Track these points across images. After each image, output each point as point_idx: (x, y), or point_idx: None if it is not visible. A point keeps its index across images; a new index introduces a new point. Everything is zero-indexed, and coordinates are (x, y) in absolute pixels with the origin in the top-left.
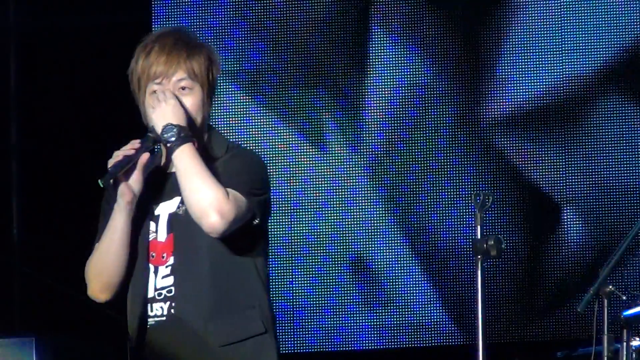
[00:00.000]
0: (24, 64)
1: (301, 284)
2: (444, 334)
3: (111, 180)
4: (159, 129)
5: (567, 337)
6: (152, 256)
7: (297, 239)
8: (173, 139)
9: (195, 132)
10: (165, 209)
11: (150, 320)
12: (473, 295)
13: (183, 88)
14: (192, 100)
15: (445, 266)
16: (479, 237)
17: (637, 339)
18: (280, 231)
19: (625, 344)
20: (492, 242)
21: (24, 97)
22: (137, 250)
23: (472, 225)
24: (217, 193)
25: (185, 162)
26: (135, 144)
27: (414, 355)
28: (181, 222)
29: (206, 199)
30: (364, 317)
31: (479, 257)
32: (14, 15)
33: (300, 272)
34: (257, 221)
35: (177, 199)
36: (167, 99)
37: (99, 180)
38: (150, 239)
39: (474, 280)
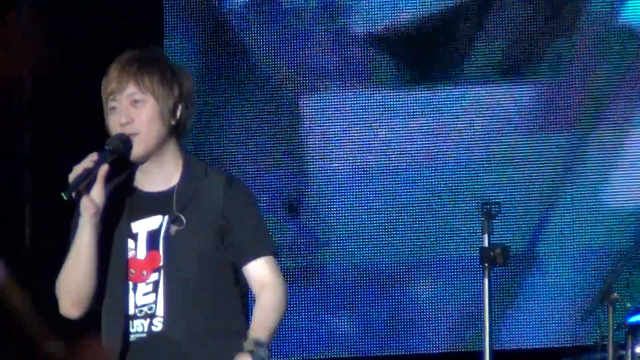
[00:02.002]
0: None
1: (307, 291)
2: (453, 340)
3: (73, 194)
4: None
5: (572, 344)
6: (132, 273)
7: (309, 247)
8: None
9: (150, 145)
10: (143, 226)
11: (131, 337)
12: (480, 302)
13: (135, 101)
14: (144, 113)
15: (452, 272)
16: (486, 245)
17: None
18: (296, 237)
19: (630, 350)
20: (499, 251)
21: (37, 105)
22: (110, 266)
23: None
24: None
25: None
26: (93, 156)
27: None
28: (171, 242)
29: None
30: (369, 323)
31: (486, 264)
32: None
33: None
34: None
35: (158, 218)
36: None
37: (62, 193)
38: (129, 257)
39: (481, 288)
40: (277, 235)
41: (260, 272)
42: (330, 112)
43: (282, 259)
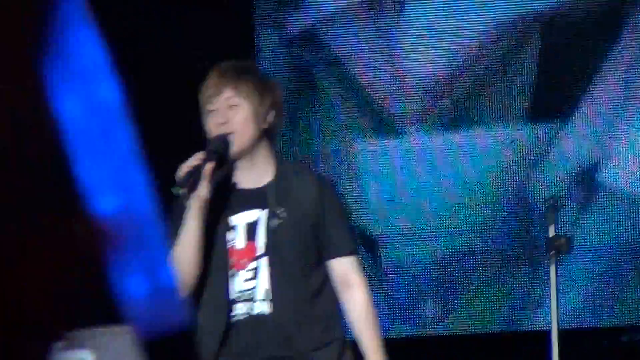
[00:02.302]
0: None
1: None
2: (519, 320)
3: (181, 190)
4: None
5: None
6: (232, 262)
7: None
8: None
9: (244, 144)
10: (241, 219)
11: (233, 319)
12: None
13: (231, 105)
14: (239, 115)
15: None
16: (551, 235)
17: None
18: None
19: None
20: (564, 240)
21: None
22: (211, 256)
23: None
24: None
25: None
26: (199, 155)
27: (487, 340)
28: (272, 234)
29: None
30: (444, 304)
31: (552, 252)
32: None
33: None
34: None
35: (255, 212)
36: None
37: (172, 189)
38: (228, 247)
39: (548, 274)
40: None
41: (344, 269)
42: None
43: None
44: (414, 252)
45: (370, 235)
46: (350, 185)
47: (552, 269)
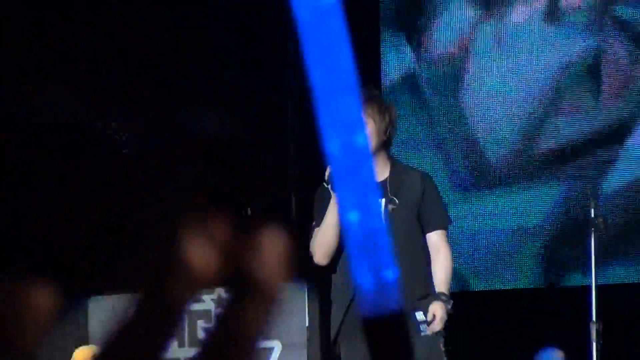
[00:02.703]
0: None
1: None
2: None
3: (330, 185)
4: None
5: None
6: None
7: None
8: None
9: (372, 150)
10: None
11: None
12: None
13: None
14: (368, 130)
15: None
16: (592, 216)
17: None
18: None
19: None
20: (601, 220)
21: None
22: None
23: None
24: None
25: None
26: None
27: (537, 294)
28: (389, 216)
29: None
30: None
31: (592, 229)
32: None
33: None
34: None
35: (383, 200)
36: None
37: (324, 183)
38: None
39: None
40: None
41: (436, 239)
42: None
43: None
44: (477, 227)
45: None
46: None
47: (592, 241)
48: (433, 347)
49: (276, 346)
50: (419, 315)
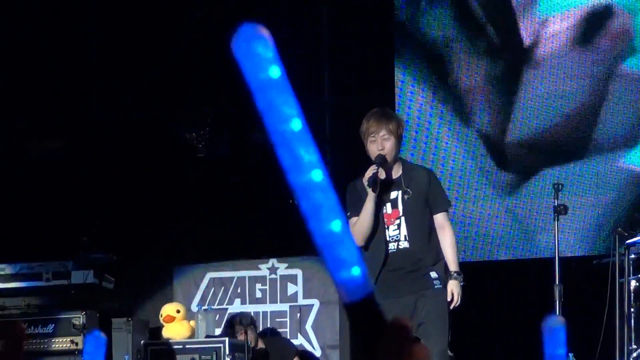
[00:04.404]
0: None
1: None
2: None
3: (369, 186)
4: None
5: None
6: (385, 220)
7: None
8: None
9: (391, 158)
10: (389, 197)
11: (390, 251)
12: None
13: (385, 138)
14: (389, 144)
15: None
16: (556, 205)
17: None
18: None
19: None
20: (563, 207)
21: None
22: (377, 218)
23: None
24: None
25: None
26: (373, 166)
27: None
28: (405, 204)
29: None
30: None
31: (556, 214)
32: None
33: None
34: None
35: (395, 192)
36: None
37: (368, 185)
38: (384, 212)
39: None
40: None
41: (441, 218)
42: None
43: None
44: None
45: None
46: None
47: (556, 224)
48: (443, 298)
49: (315, 303)
50: (433, 274)
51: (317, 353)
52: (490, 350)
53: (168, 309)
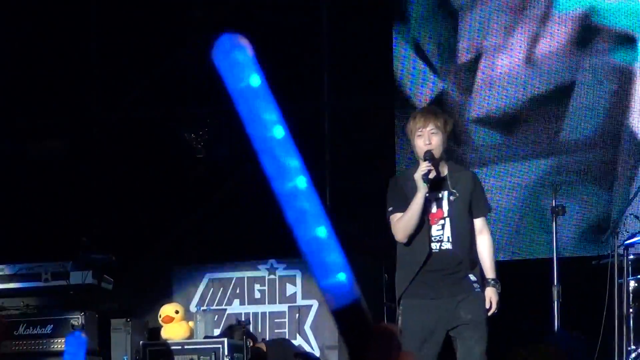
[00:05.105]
0: None
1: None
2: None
3: (423, 182)
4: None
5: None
6: (429, 220)
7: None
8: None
9: (438, 154)
10: (435, 196)
11: (433, 251)
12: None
13: (432, 133)
14: (436, 139)
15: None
16: (553, 205)
17: None
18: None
19: None
20: (561, 207)
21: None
22: (422, 216)
23: None
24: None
25: None
26: (426, 163)
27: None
28: (451, 204)
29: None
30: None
31: (554, 215)
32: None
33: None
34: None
35: (445, 192)
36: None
37: (423, 182)
38: (429, 212)
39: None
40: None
41: (480, 223)
42: None
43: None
44: None
45: None
46: None
47: (554, 225)
48: (483, 301)
49: (314, 304)
50: (472, 277)
51: (316, 354)
52: (490, 351)
53: (167, 310)
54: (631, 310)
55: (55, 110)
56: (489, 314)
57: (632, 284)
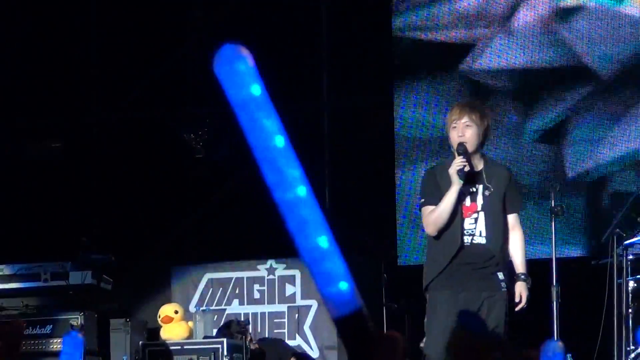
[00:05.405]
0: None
1: None
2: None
3: (459, 177)
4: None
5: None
6: (462, 212)
7: None
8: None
9: (473, 148)
10: (469, 189)
11: (465, 244)
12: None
13: (467, 126)
14: (470, 132)
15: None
16: (552, 205)
17: None
18: None
19: None
20: (559, 207)
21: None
22: (456, 209)
23: None
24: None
25: None
26: (460, 158)
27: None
28: (486, 199)
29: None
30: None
31: (552, 215)
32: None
33: None
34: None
35: (480, 186)
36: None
37: (459, 179)
38: (462, 204)
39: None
40: None
41: (513, 219)
42: None
43: None
44: None
45: None
46: None
47: (552, 225)
48: (506, 301)
49: (313, 304)
50: (501, 275)
51: (315, 354)
52: None
53: (166, 310)
54: (630, 310)
55: (55, 110)
56: (518, 308)
57: (631, 284)
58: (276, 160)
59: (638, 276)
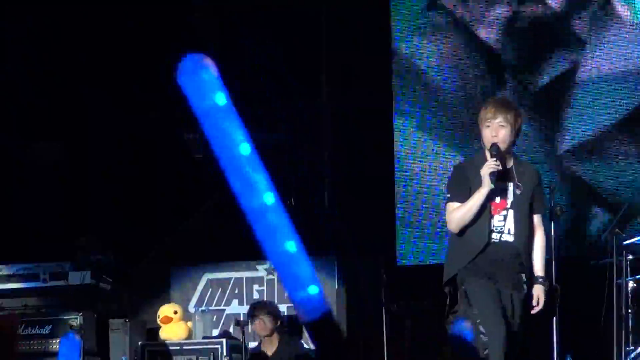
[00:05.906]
0: None
1: None
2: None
3: (493, 181)
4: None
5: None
6: (491, 209)
7: None
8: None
9: (506, 148)
10: (501, 186)
11: (492, 241)
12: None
13: (501, 125)
14: (504, 132)
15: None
16: (552, 205)
17: None
18: None
19: None
20: (559, 208)
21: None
22: (485, 205)
23: None
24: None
25: None
26: (493, 160)
27: None
28: (516, 197)
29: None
30: None
31: (552, 215)
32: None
33: None
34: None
35: (511, 184)
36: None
37: (490, 181)
38: (492, 201)
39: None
40: None
41: (537, 220)
42: None
43: None
44: None
45: None
46: None
47: (552, 224)
48: (521, 302)
49: None
50: (523, 277)
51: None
52: None
53: (165, 310)
54: (630, 310)
55: (54, 110)
56: (534, 311)
57: (631, 284)
58: (242, 168)
59: (637, 276)
